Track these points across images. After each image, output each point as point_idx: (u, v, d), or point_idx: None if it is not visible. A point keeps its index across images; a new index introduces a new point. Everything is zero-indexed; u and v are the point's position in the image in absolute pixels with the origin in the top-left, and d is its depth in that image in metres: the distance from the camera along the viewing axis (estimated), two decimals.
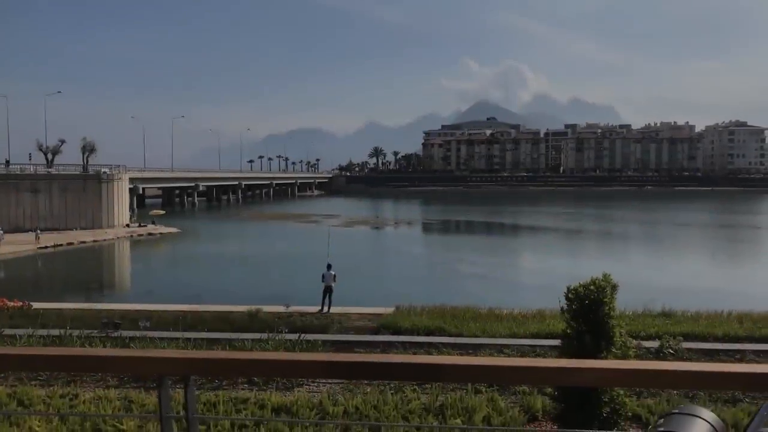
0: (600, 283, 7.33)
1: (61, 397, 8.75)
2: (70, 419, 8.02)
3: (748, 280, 30.02)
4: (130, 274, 38.44)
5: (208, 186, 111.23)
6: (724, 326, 16.16)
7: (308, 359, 2.11)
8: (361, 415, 8.25)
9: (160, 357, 2.15)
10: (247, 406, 8.51)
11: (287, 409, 8.40)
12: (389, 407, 8.36)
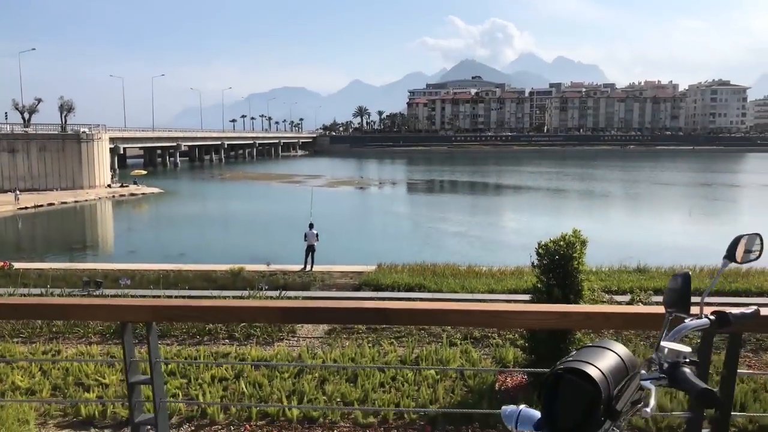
0: (570, 238, 7.54)
1: (43, 354, 8.90)
2: (53, 373, 8.19)
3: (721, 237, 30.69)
4: (112, 235, 38.31)
5: (190, 146, 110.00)
6: (697, 281, 16.52)
7: (264, 305, 2.25)
8: (339, 367, 8.50)
9: (122, 305, 2.27)
10: (228, 360, 8.74)
11: (267, 362, 8.64)
12: (366, 359, 8.63)
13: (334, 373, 8.40)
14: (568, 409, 1.43)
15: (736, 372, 2.18)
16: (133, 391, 2.37)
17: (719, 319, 1.65)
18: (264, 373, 8.36)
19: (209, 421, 6.95)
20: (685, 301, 1.57)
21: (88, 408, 7.12)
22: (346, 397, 7.46)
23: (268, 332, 10.55)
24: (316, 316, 2.31)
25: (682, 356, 1.43)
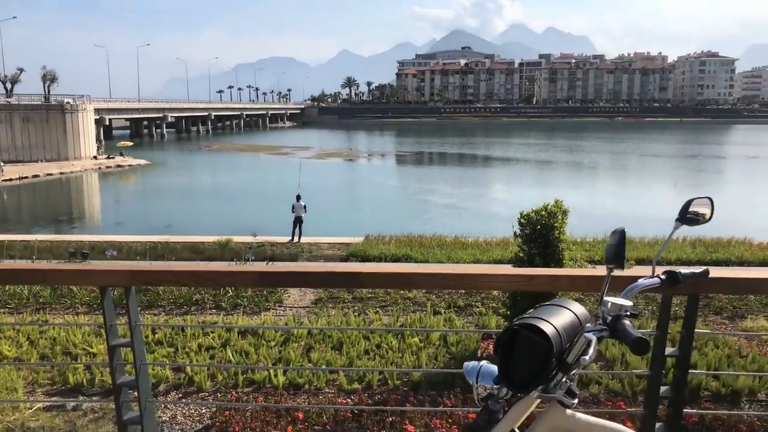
0: (551, 208, 7.64)
1: (30, 324, 8.94)
2: (41, 343, 8.26)
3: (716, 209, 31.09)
4: (99, 206, 38.06)
5: (177, 117, 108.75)
6: (678, 251, 16.91)
7: (240, 270, 2.31)
8: (325, 335, 8.63)
9: (101, 270, 2.32)
10: (215, 330, 8.82)
11: (253, 331, 8.74)
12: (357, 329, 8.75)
13: (320, 341, 8.53)
14: (523, 363, 1.51)
15: (693, 332, 2.28)
16: (114, 354, 2.44)
17: (669, 278, 1.74)
18: (251, 341, 8.48)
19: (196, 389, 7.07)
20: (620, 256, 1.65)
21: (75, 376, 7.21)
22: (331, 363, 7.60)
23: (255, 302, 10.65)
24: (291, 280, 2.37)
25: (623, 310, 1.52)
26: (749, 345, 8.06)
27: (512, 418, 1.60)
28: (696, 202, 1.82)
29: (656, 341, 2.36)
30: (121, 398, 2.49)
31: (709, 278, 2.31)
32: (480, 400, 1.66)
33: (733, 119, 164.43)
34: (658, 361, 2.35)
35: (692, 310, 2.27)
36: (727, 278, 2.23)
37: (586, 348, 1.47)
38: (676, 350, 2.35)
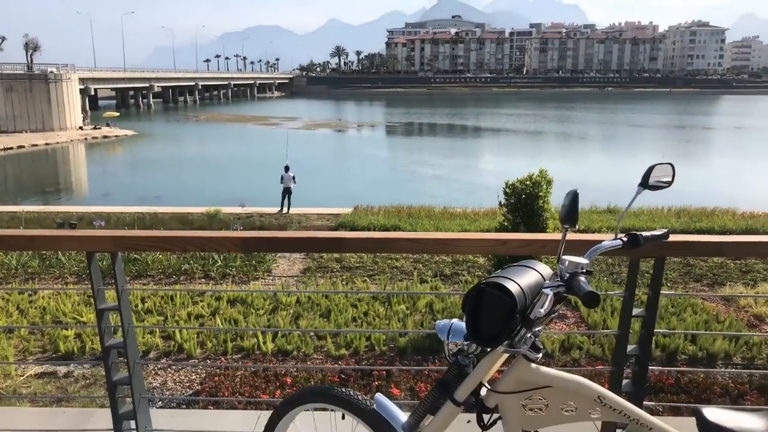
0: (536, 178, 7.73)
1: (19, 294, 8.99)
2: (30, 312, 8.32)
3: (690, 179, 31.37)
4: (86, 177, 37.74)
5: (164, 87, 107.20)
6: (663, 221, 17.14)
7: (224, 236, 2.37)
8: (313, 303, 8.76)
9: (88, 235, 2.38)
10: (204, 299, 8.92)
11: (242, 300, 8.85)
12: (339, 296, 8.88)
13: (308, 309, 8.65)
14: (489, 319, 1.60)
15: (659, 293, 2.39)
16: (102, 318, 2.51)
17: (631, 240, 1.82)
18: (239, 310, 8.59)
19: (186, 356, 7.19)
20: (573, 216, 1.73)
21: (66, 344, 7.29)
22: (319, 331, 7.73)
23: (244, 271, 10.74)
24: (274, 245, 2.44)
25: (580, 267, 1.60)
26: (727, 311, 8.28)
27: (480, 372, 1.70)
28: (658, 168, 1.90)
29: (625, 303, 2.47)
30: (110, 360, 2.57)
31: (673, 242, 2.41)
32: (450, 356, 1.76)
33: (723, 89, 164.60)
34: (626, 321, 2.46)
35: (658, 272, 2.37)
36: (691, 241, 2.33)
37: (544, 303, 1.56)
38: (642, 311, 2.45)
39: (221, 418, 3.37)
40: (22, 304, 8.69)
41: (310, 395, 2.07)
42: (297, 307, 8.68)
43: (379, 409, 1.91)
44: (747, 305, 8.47)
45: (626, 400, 1.77)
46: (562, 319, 8.16)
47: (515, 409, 1.71)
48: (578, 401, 1.68)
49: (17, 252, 11.21)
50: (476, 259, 10.94)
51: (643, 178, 1.88)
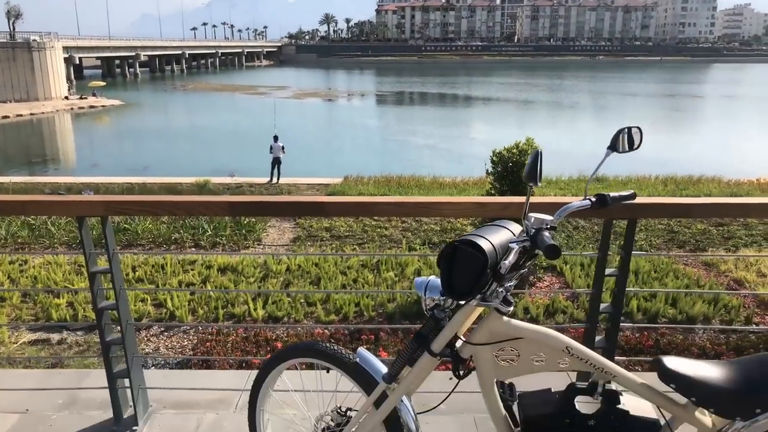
0: (522, 146, 7.80)
1: (10, 263, 9.03)
2: (22, 281, 8.38)
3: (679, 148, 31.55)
4: (73, 148, 37.36)
5: (150, 56, 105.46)
6: (650, 189, 17.33)
7: (212, 200, 2.43)
8: (303, 271, 8.87)
9: (78, 200, 2.44)
10: (195, 267, 9.01)
11: (233, 269, 8.94)
12: (329, 264, 8.99)
13: (298, 276, 8.77)
14: (462, 275, 1.69)
15: (630, 253, 2.49)
16: (94, 281, 2.59)
17: (599, 200, 1.91)
18: (230, 278, 8.69)
19: (178, 322, 7.30)
20: (535, 174, 1.82)
21: (59, 312, 7.39)
22: (309, 298, 7.85)
23: (234, 240, 10.82)
24: (260, 209, 2.51)
25: (545, 223, 1.69)
26: (708, 276, 8.48)
27: (455, 324, 1.80)
28: (626, 132, 1.98)
29: (598, 263, 2.58)
30: (103, 321, 2.66)
31: (644, 204, 2.51)
32: (428, 311, 1.86)
33: (713, 58, 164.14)
34: (599, 280, 2.57)
35: (630, 233, 2.47)
36: (660, 203, 2.43)
37: (509, 257, 1.65)
38: (615, 270, 2.56)
39: (213, 377, 3.49)
40: (13, 274, 8.74)
41: (297, 351, 2.17)
42: (287, 275, 8.79)
43: (362, 362, 2.02)
44: (727, 270, 8.67)
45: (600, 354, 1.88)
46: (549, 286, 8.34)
47: (488, 359, 1.82)
48: (547, 352, 1.79)
49: (6, 222, 11.21)
50: (464, 227, 11.06)
51: (611, 142, 1.96)
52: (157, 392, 2.98)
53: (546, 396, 1.92)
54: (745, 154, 29.58)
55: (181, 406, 2.94)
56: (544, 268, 8.62)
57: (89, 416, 2.86)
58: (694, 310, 7.18)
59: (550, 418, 1.86)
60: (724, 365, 1.82)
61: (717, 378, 1.77)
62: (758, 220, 11.11)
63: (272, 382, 2.26)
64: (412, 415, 1.98)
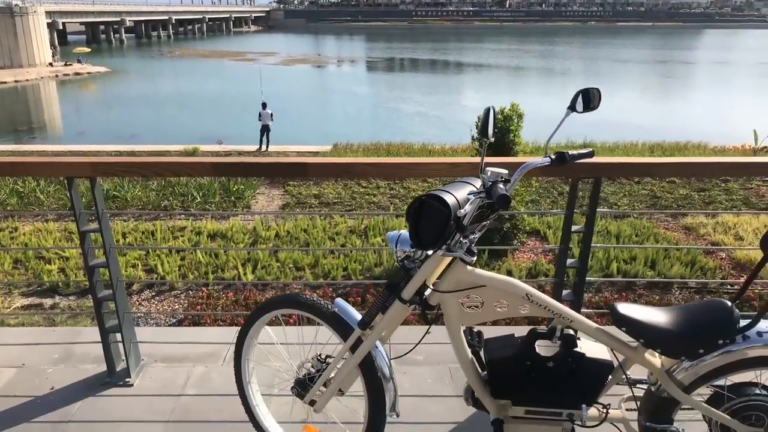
0: (507, 112, 7.88)
1: (0, 231, 9.09)
2: (12, 248, 8.46)
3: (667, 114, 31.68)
4: (59, 116, 36.93)
5: (136, 21, 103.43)
6: (637, 155, 17.48)
7: (196, 161, 2.54)
8: (292, 237, 9.00)
9: (67, 162, 2.54)
10: (185, 233, 9.11)
11: (222, 234, 9.06)
12: (318, 230, 9.12)
13: (287, 242, 8.90)
14: (428, 227, 1.82)
15: (596, 211, 2.62)
16: (85, 239, 2.70)
17: (558, 158, 2.04)
18: (220, 244, 8.82)
19: (169, 287, 7.44)
20: (486, 130, 1.94)
21: (50, 278, 7.50)
22: (297, 263, 8.00)
23: (224, 207, 10.90)
24: (244, 170, 2.62)
25: (500, 176, 1.82)
26: (687, 239, 8.70)
27: (423, 273, 1.94)
28: (585, 93, 2.09)
29: (566, 221, 2.71)
30: (94, 278, 2.77)
31: (608, 163, 2.64)
32: (399, 262, 1.99)
33: (705, 23, 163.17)
34: (566, 236, 2.71)
35: (595, 192, 2.60)
36: (623, 163, 2.56)
37: (467, 208, 1.78)
38: (582, 227, 2.70)
39: (202, 333, 3.64)
40: (4, 240, 8.82)
41: (278, 302, 2.30)
42: (276, 241, 8.92)
43: (339, 311, 2.16)
44: (706, 234, 8.89)
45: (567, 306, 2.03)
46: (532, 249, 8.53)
47: (454, 306, 1.96)
48: (509, 298, 1.93)
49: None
50: None
51: (571, 102, 2.07)
52: (149, 347, 3.13)
53: (509, 341, 2.07)
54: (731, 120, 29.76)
55: (171, 360, 3.09)
56: (528, 233, 8.80)
57: (83, 369, 3.01)
58: (672, 272, 7.40)
59: (512, 360, 2.01)
60: (671, 310, 1.97)
61: (664, 321, 1.92)
62: (738, 186, 11.34)
63: (256, 333, 2.39)
64: (385, 359, 2.13)
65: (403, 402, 2.75)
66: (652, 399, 2.10)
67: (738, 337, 1.93)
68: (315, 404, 2.24)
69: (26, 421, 2.61)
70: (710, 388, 2.08)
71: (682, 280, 7.02)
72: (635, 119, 29.18)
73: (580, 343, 2.00)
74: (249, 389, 2.47)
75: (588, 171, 2.50)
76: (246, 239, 8.92)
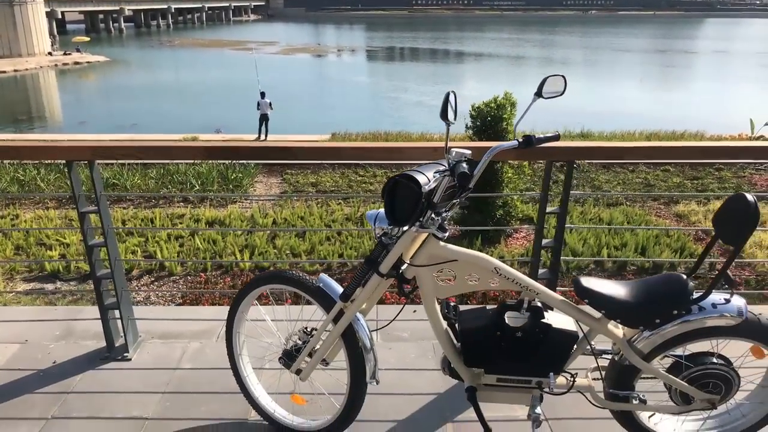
0: (501, 101, 7.99)
1: (1, 218, 9.24)
2: (14, 235, 8.60)
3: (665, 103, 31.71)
4: (59, 105, 36.98)
5: (135, 10, 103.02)
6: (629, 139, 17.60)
7: (189, 145, 2.67)
8: (288, 224, 9.14)
9: (67, 145, 2.67)
10: (183, 221, 9.26)
11: (221, 222, 9.20)
12: (314, 217, 9.26)
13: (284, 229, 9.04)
14: (402, 205, 1.96)
15: (569, 192, 2.76)
16: (84, 220, 2.83)
17: (525, 140, 2.17)
18: (218, 231, 8.95)
19: (168, 273, 7.59)
20: (446, 113, 2.08)
21: (51, 264, 7.64)
22: (294, 249, 8.15)
23: (222, 196, 11.03)
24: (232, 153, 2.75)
25: (463, 156, 1.95)
26: (677, 226, 8.83)
27: (399, 248, 2.07)
28: (551, 80, 2.21)
29: (541, 201, 2.84)
30: (93, 258, 2.91)
31: (580, 147, 2.77)
32: (377, 238, 2.13)
33: (706, 12, 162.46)
34: (541, 216, 2.84)
35: (569, 174, 2.73)
36: (595, 147, 2.68)
37: (435, 186, 1.91)
38: (556, 208, 2.83)
39: (197, 312, 3.78)
40: (5, 227, 8.96)
41: (267, 278, 2.44)
42: (274, 227, 9.06)
43: (323, 286, 2.30)
44: (697, 221, 9.02)
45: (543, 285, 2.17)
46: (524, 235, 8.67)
47: (429, 279, 2.10)
48: (479, 272, 2.07)
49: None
50: None
51: (538, 88, 2.20)
52: (146, 324, 3.28)
53: (481, 312, 2.21)
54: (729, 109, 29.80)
55: (167, 336, 3.24)
56: (521, 220, 8.93)
57: (84, 345, 3.16)
58: (661, 257, 7.54)
59: (483, 330, 2.15)
60: (631, 284, 2.11)
61: (623, 294, 2.06)
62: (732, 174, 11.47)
63: (246, 307, 2.54)
64: (366, 330, 2.27)
65: (387, 375, 2.91)
66: (616, 367, 2.24)
67: (694, 309, 2.07)
68: (301, 373, 2.38)
69: (29, 392, 2.76)
70: (670, 357, 2.23)
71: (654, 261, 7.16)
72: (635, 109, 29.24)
73: (547, 314, 2.14)
74: (240, 362, 2.61)
75: (561, 155, 2.63)
76: (244, 226, 9.06)
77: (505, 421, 2.55)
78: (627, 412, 2.33)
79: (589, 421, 2.58)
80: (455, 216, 9.20)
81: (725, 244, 2.01)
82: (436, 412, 2.66)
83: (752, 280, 6.96)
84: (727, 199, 2.00)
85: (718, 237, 2.03)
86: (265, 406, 2.57)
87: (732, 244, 1.97)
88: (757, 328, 2.13)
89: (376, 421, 2.59)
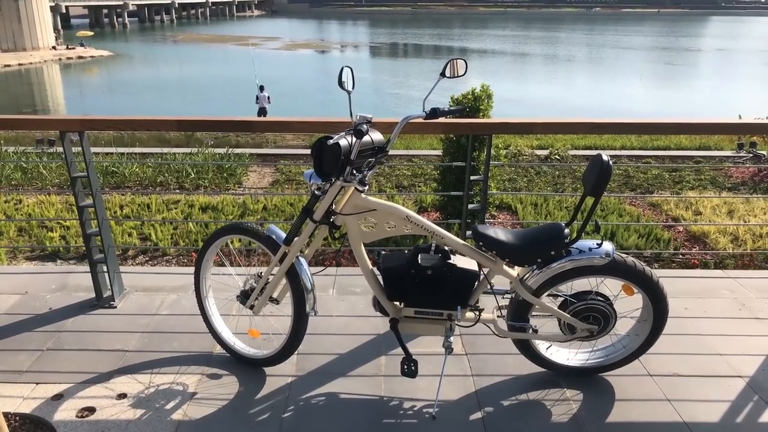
0: (477, 93, 8.41)
1: (5, 202, 9.70)
2: (17, 217, 9.08)
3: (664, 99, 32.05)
4: (63, 99, 37.54)
5: (139, 5, 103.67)
6: (623, 139, 17.95)
7: (163, 118, 3.12)
8: (279, 210, 9.59)
9: (59, 118, 3.13)
10: (178, 206, 9.71)
11: (213, 207, 9.65)
12: (303, 203, 9.69)
13: (274, 215, 9.49)
14: (326, 161, 2.41)
15: (489, 162, 3.20)
16: (75, 184, 3.29)
17: (432, 112, 2.61)
18: (211, 216, 9.41)
19: (162, 253, 8.05)
20: (341, 84, 2.52)
21: (52, 243, 8.11)
22: None
23: (216, 183, 11.50)
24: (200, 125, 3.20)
25: (365, 120, 2.40)
26: (645, 214, 9.26)
27: (327, 198, 2.53)
28: (454, 62, 2.66)
29: (466, 170, 3.29)
30: (83, 217, 3.37)
31: (496, 123, 3.22)
32: (311, 192, 2.58)
33: (711, 10, 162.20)
34: (467, 184, 3.28)
35: (488, 146, 3.17)
36: (508, 122, 3.12)
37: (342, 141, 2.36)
38: (480, 177, 3.28)
39: (177, 270, 4.24)
40: (9, 211, 9.44)
41: (226, 230, 2.90)
42: (264, 213, 9.51)
43: (271, 233, 2.75)
44: (668, 210, 9.45)
45: None
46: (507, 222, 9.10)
47: (355, 226, 2.56)
48: (395, 220, 2.53)
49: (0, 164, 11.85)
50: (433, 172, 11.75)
51: (443, 69, 2.65)
52: (131, 279, 3.74)
53: (399, 254, 2.67)
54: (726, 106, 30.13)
55: (149, 290, 3.70)
56: (499, 207, 9.37)
57: (77, 296, 3.62)
58: (629, 242, 7.97)
59: (400, 269, 2.60)
60: (519, 231, 2.56)
61: (511, 238, 2.52)
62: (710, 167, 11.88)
63: (211, 255, 2.99)
64: (306, 271, 2.73)
65: (336, 321, 3.37)
66: (513, 302, 2.70)
67: (573, 251, 2.53)
68: (254, 308, 2.85)
69: (28, 331, 3.23)
70: (560, 296, 2.68)
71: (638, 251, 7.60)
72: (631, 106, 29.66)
73: (453, 257, 2.59)
74: (206, 303, 3.07)
75: (481, 129, 3.07)
76: (236, 211, 9.51)
77: (426, 355, 3.00)
78: (526, 343, 2.79)
79: (503, 356, 3.03)
80: (436, 203, 9.66)
81: (589, 196, 2.46)
82: (374, 348, 3.12)
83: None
84: (589, 161, 2.45)
85: (586, 191, 2.48)
86: (227, 340, 3.03)
87: (594, 195, 2.42)
88: (624, 268, 2.59)
89: (321, 354, 3.05)
